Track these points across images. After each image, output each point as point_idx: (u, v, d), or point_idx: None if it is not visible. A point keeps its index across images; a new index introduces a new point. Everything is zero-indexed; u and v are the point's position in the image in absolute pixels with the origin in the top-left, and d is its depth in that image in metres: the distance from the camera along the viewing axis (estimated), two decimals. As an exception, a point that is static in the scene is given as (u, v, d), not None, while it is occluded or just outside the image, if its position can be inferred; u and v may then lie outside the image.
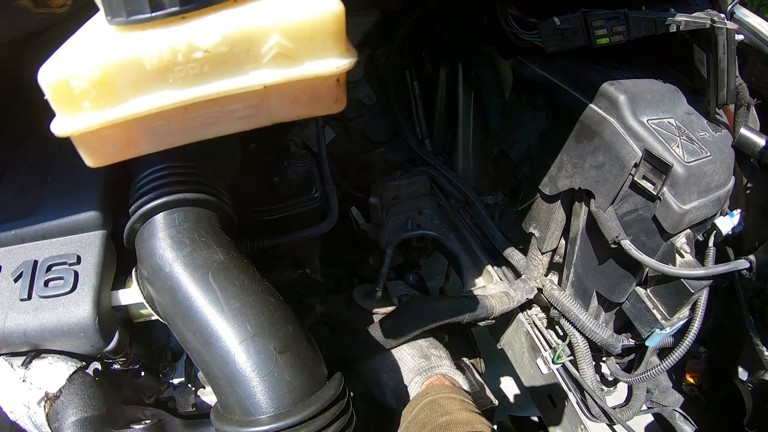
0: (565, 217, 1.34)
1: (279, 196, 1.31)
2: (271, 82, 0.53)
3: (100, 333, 0.79)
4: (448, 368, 1.19)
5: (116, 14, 0.51)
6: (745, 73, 1.15)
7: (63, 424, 0.78)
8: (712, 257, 1.14)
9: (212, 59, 0.51)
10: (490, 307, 1.35)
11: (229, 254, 0.79)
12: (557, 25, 1.14)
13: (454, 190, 1.69)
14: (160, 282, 0.76)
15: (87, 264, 0.82)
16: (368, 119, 1.89)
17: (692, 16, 1.06)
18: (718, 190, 1.09)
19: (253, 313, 0.73)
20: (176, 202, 0.81)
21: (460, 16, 1.60)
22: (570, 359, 1.38)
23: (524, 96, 1.38)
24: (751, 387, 1.26)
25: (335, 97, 0.59)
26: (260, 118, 0.58)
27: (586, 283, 1.30)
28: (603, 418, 1.37)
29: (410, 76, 1.86)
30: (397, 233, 1.67)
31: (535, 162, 1.34)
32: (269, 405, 0.69)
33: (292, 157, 1.37)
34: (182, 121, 0.55)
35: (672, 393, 1.50)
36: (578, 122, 1.17)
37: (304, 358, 0.75)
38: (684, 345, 1.21)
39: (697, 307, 1.17)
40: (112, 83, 0.50)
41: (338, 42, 0.54)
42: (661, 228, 1.06)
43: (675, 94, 1.18)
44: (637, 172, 1.06)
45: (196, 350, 0.74)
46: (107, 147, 0.55)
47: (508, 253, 1.49)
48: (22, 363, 0.81)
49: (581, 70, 1.21)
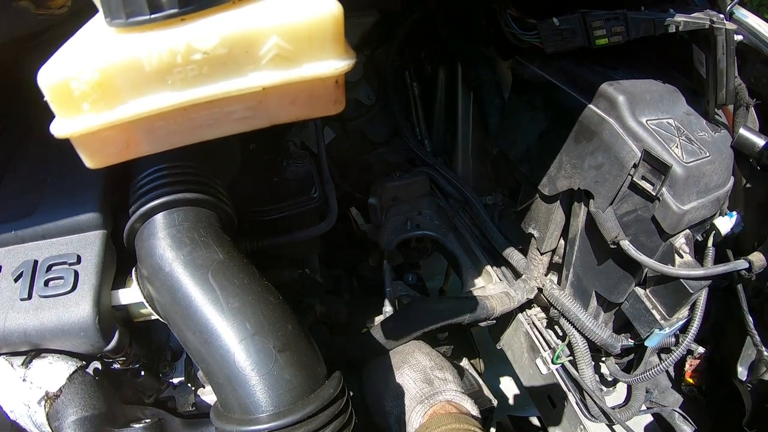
0: (565, 218, 1.34)
1: (278, 197, 1.31)
2: (269, 83, 0.54)
3: (100, 332, 0.80)
4: (454, 393, 1.09)
5: (115, 16, 0.51)
6: (744, 73, 1.15)
7: (63, 424, 0.79)
8: (711, 257, 1.15)
9: (211, 61, 0.51)
10: (491, 308, 1.35)
11: (228, 254, 0.79)
12: (556, 26, 1.14)
13: (453, 191, 1.69)
14: (160, 281, 0.76)
15: (87, 264, 0.82)
16: (367, 119, 1.89)
17: (691, 16, 1.06)
18: (717, 191, 1.09)
19: (252, 312, 0.74)
20: (176, 201, 0.81)
21: (460, 16, 1.61)
22: (569, 359, 1.39)
23: (523, 96, 1.38)
24: (750, 387, 1.26)
25: (334, 99, 0.59)
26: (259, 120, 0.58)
27: (586, 284, 1.31)
28: (602, 418, 1.37)
29: (409, 76, 1.86)
30: (397, 234, 1.67)
31: (534, 162, 1.34)
32: (269, 403, 0.69)
33: (291, 157, 1.37)
34: (181, 122, 0.55)
35: (671, 393, 1.50)
36: (577, 123, 1.17)
37: (303, 357, 0.75)
38: (683, 345, 1.22)
39: (696, 308, 1.17)
40: (111, 85, 0.51)
41: (337, 43, 0.54)
42: (660, 228, 1.06)
43: (674, 95, 1.18)
44: (636, 172, 1.06)
45: (196, 349, 0.74)
46: (107, 148, 0.56)
47: (508, 254, 1.49)
48: (22, 362, 0.81)
49: (580, 70, 1.21)
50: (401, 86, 1.88)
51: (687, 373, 1.46)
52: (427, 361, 1.18)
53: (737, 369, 1.28)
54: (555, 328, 1.45)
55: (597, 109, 1.13)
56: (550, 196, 1.31)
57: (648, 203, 1.07)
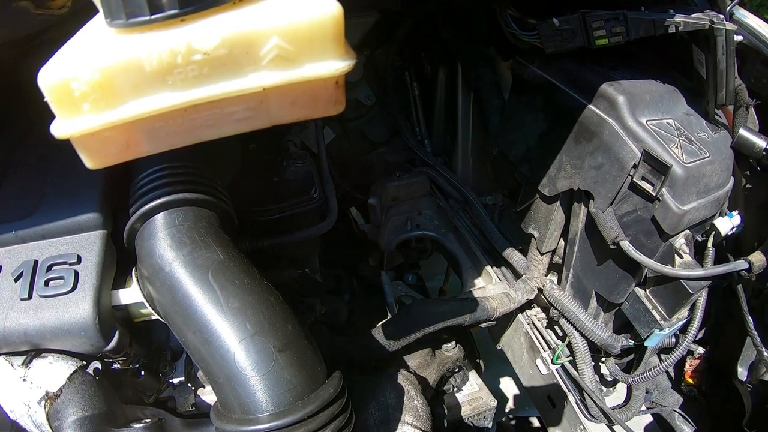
0: (565, 218, 1.34)
1: (278, 197, 1.31)
2: (270, 84, 0.54)
3: (100, 332, 0.80)
4: None
5: (116, 16, 0.51)
6: (744, 73, 1.15)
7: (63, 423, 0.79)
8: (711, 258, 1.15)
9: (211, 61, 0.51)
10: (491, 309, 1.35)
11: (228, 254, 0.80)
12: (556, 26, 1.14)
13: (453, 191, 1.69)
14: (160, 281, 0.76)
15: (87, 264, 0.82)
16: (367, 120, 1.89)
17: (691, 16, 1.06)
18: (717, 191, 1.09)
19: (252, 312, 0.74)
20: (176, 201, 0.81)
21: (460, 16, 1.61)
22: (569, 360, 1.39)
23: (523, 97, 1.38)
24: (750, 387, 1.26)
25: (334, 99, 0.59)
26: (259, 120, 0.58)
27: (585, 284, 1.31)
28: (602, 419, 1.37)
29: (409, 76, 1.87)
30: (397, 234, 1.67)
31: (534, 163, 1.34)
32: (269, 403, 0.69)
33: (291, 157, 1.37)
34: (182, 122, 0.55)
35: (671, 393, 1.50)
36: (577, 123, 1.18)
37: (303, 357, 0.75)
38: (683, 345, 1.22)
39: (696, 308, 1.17)
40: (111, 85, 0.51)
41: (337, 44, 0.54)
42: (660, 229, 1.06)
43: (674, 95, 1.18)
44: (636, 172, 1.06)
45: (196, 349, 0.74)
46: (107, 149, 0.56)
47: (508, 254, 1.49)
48: (22, 362, 0.81)
49: (580, 70, 1.21)
50: (401, 86, 1.88)
51: (687, 373, 1.46)
52: (393, 399, 1.15)
53: (737, 369, 1.28)
54: (555, 328, 1.45)
55: (597, 109, 1.13)
56: (550, 197, 1.31)
57: (648, 204, 1.07)
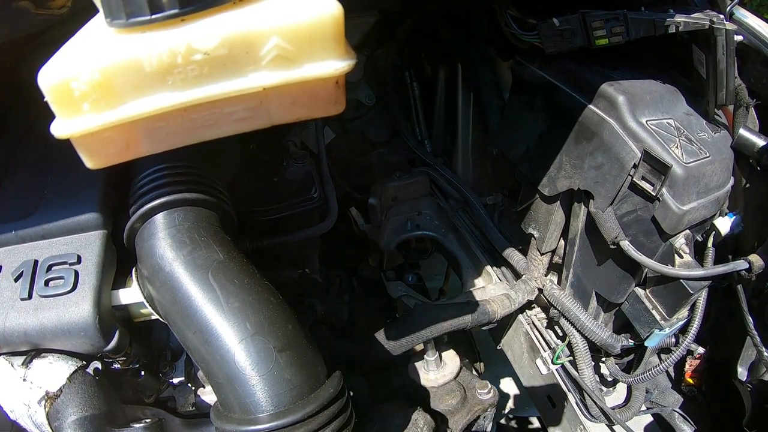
0: (565, 218, 1.34)
1: (278, 197, 1.31)
2: (270, 84, 0.54)
3: (100, 332, 0.80)
4: None
5: (116, 16, 0.51)
6: (744, 73, 1.15)
7: (63, 423, 0.79)
8: (711, 258, 1.15)
9: (211, 61, 0.51)
10: (492, 312, 1.34)
11: (228, 254, 0.80)
12: (556, 26, 1.14)
13: (453, 191, 1.69)
14: (160, 281, 0.77)
15: (87, 263, 0.82)
16: (367, 120, 1.89)
17: (691, 16, 1.06)
18: (717, 191, 1.09)
19: (252, 312, 0.74)
20: (176, 201, 0.81)
21: (460, 16, 1.61)
22: (569, 360, 1.39)
23: (523, 97, 1.38)
24: (750, 387, 1.26)
25: (334, 99, 0.59)
26: (259, 120, 0.58)
27: (586, 284, 1.31)
28: (602, 419, 1.37)
29: (409, 76, 1.86)
30: (397, 234, 1.67)
31: (534, 163, 1.34)
32: (269, 403, 0.69)
33: (291, 157, 1.37)
34: (182, 122, 0.55)
35: (671, 393, 1.50)
36: (577, 123, 1.18)
37: (303, 357, 0.75)
38: (683, 345, 1.22)
39: (696, 308, 1.17)
40: (111, 85, 0.51)
41: (337, 44, 0.54)
42: (660, 229, 1.06)
43: (674, 95, 1.18)
44: (636, 172, 1.06)
45: (196, 349, 0.74)
46: (107, 149, 0.56)
47: (508, 254, 1.49)
48: (22, 362, 0.81)
49: (580, 70, 1.21)
50: (401, 86, 1.88)
51: (687, 373, 1.46)
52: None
53: (737, 369, 1.28)
54: (555, 328, 1.45)
55: (597, 109, 1.13)
56: (550, 197, 1.31)
57: (648, 203, 1.07)
